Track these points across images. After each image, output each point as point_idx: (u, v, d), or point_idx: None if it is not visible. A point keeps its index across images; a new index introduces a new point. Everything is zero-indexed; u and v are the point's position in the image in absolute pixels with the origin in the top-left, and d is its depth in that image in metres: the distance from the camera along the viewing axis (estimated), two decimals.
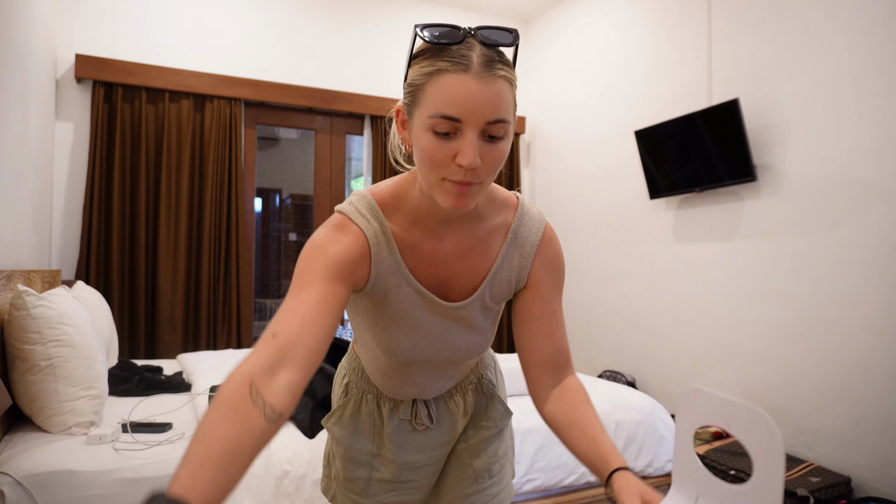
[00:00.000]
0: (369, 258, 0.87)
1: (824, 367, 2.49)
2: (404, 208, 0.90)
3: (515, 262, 0.95)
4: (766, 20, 2.77)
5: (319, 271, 0.81)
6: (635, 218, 3.56)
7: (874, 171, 2.33)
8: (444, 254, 0.92)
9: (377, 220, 0.88)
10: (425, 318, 0.94)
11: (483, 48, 0.76)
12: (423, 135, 0.77)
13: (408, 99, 0.80)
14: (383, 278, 0.90)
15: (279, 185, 6.27)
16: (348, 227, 0.87)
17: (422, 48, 0.79)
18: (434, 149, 0.76)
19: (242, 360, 0.70)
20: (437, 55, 0.76)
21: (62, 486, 1.53)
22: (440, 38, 0.76)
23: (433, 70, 0.76)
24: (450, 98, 0.74)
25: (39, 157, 2.82)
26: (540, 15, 4.51)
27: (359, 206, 0.89)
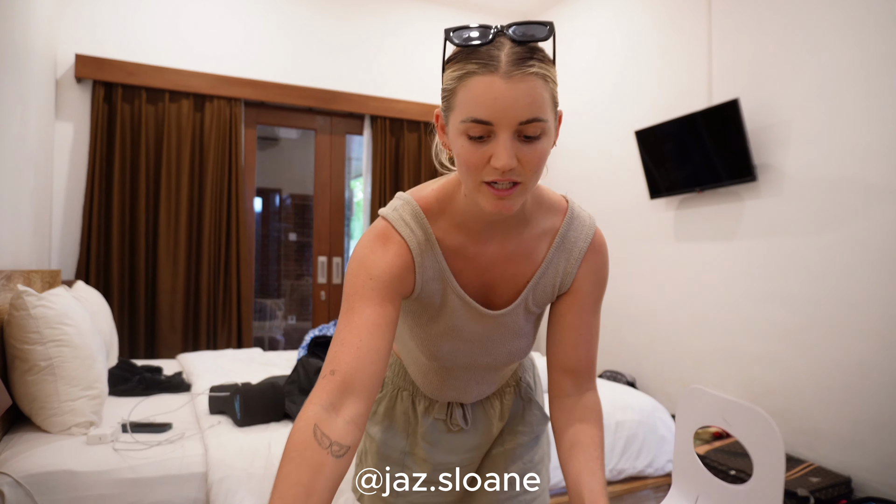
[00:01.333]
0: (413, 269, 0.87)
1: (824, 367, 2.48)
2: (449, 212, 0.89)
3: (561, 268, 0.94)
4: (766, 20, 2.77)
5: (366, 294, 0.81)
6: (635, 218, 3.56)
7: (874, 171, 2.33)
8: (489, 258, 0.91)
9: (421, 227, 0.88)
10: (468, 326, 0.94)
11: (513, 45, 0.74)
12: (458, 139, 0.76)
13: (444, 104, 0.79)
14: (428, 285, 0.90)
15: (279, 185, 6.27)
16: (391, 238, 0.86)
17: (453, 52, 0.78)
18: (469, 153, 0.75)
19: (307, 401, 0.73)
20: (467, 58, 0.75)
21: (62, 486, 1.53)
22: (468, 39, 0.75)
23: (462, 73, 0.75)
24: (478, 101, 0.73)
25: (39, 157, 2.82)
26: (540, 15, 4.50)
27: (403, 213, 0.88)
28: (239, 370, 2.66)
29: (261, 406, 1.93)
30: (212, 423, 1.90)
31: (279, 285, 6.09)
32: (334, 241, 4.12)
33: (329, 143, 4.11)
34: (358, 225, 6.15)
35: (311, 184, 4.16)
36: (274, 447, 1.76)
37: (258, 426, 1.90)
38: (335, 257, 4.11)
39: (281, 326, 5.88)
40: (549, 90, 0.76)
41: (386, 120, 4.07)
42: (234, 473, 1.65)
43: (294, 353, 3.22)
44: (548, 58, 0.77)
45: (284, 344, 5.63)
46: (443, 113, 0.81)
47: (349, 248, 5.09)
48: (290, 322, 5.93)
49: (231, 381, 2.29)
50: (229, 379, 2.39)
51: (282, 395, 2.00)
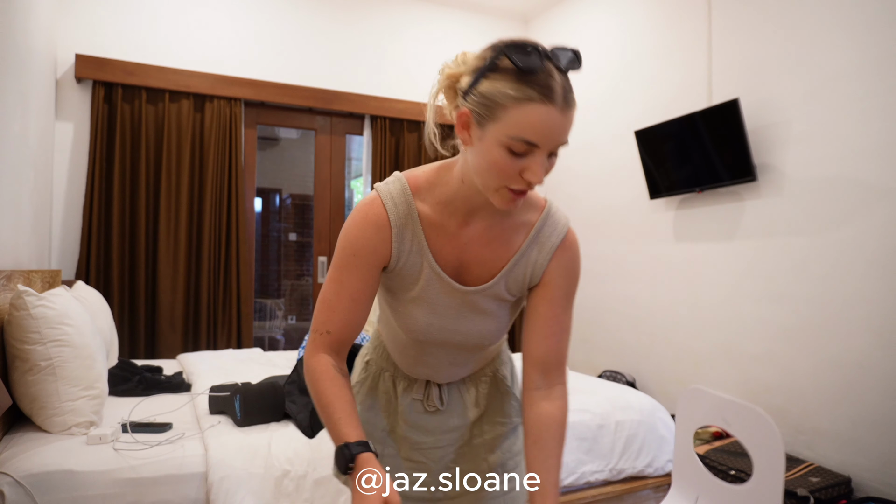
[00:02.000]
0: (391, 241, 0.97)
1: (824, 366, 2.49)
2: (438, 192, 0.98)
3: (532, 258, 1.01)
4: (767, 20, 2.77)
5: (350, 268, 0.96)
6: (635, 218, 3.56)
7: (874, 171, 2.33)
8: (468, 238, 0.99)
9: (406, 202, 0.97)
10: (441, 300, 1.01)
11: (560, 75, 0.83)
12: (496, 149, 0.84)
13: (481, 110, 0.84)
14: (405, 257, 0.98)
15: (279, 185, 6.27)
16: (375, 209, 0.96)
17: (504, 66, 0.83)
18: (505, 163, 0.84)
19: (314, 350, 0.98)
20: (523, 80, 0.81)
21: (62, 486, 1.53)
22: (526, 65, 0.81)
23: (521, 96, 0.81)
24: (535, 127, 0.81)
25: (39, 157, 2.82)
26: (540, 15, 4.51)
27: (392, 188, 0.98)
28: (239, 370, 2.66)
29: (261, 406, 1.93)
30: (212, 423, 1.90)
31: (279, 285, 6.09)
32: (334, 241, 4.10)
33: (329, 143, 4.11)
34: None
35: (311, 184, 4.16)
36: (274, 447, 1.76)
37: (258, 426, 1.90)
38: None
39: (281, 326, 5.88)
40: (573, 121, 0.86)
41: (386, 120, 4.07)
42: (234, 473, 1.65)
43: (294, 353, 3.22)
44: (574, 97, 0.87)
45: (284, 344, 5.63)
46: (476, 117, 0.85)
47: None
48: (290, 322, 5.93)
49: (231, 381, 2.29)
50: (229, 379, 2.39)
51: (282, 395, 2.00)
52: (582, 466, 2.13)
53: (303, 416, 1.93)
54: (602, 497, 2.18)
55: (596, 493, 2.17)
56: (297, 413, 1.95)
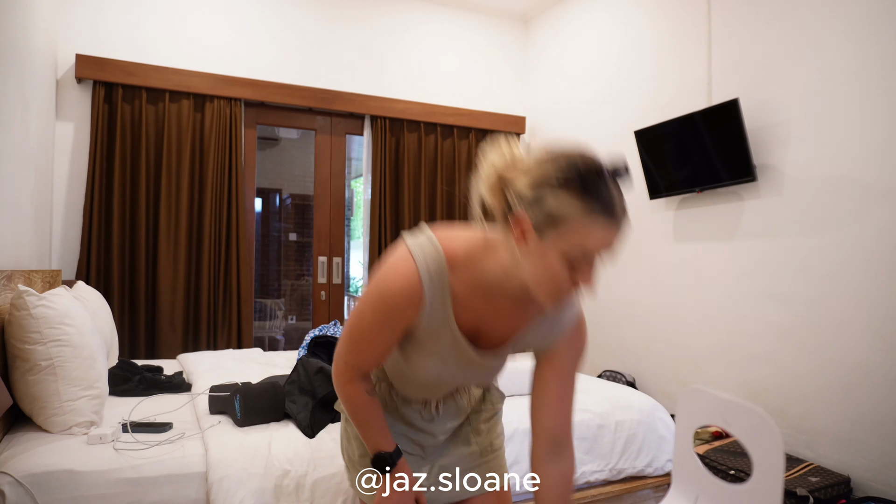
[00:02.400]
0: (420, 311, 1.02)
1: (824, 366, 2.49)
2: (474, 271, 1.00)
3: (543, 333, 1.10)
4: (767, 20, 2.77)
5: (380, 322, 1.03)
6: (635, 218, 3.56)
7: (874, 171, 2.33)
8: (491, 310, 1.05)
9: (441, 279, 1.00)
10: (453, 356, 1.08)
11: (616, 189, 0.87)
12: (555, 258, 0.88)
13: (543, 220, 0.87)
14: (429, 321, 1.04)
15: (279, 185, 6.28)
16: (412, 283, 0.99)
17: (568, 182, 0.86)
18: (562, 271, 0.89)
19: (343, 379, 1.11)
20: (587, 197, 0.85)
21: (62, 485, 1.53)
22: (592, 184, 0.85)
23: (585, 213, 0.85)
24: (597, 241, 0.86)
25: (39, 157, 2.82)
26: (540, 15, 4.51)
27: (430, 260, 1.00)
28: (239, 370, 2.66)
29: (261, 406, 1.93)
30: (212, 423, 1.90)
31: (279, 285, 6.09)
32: (334, 241, 4.12)
33: (329, 143, 4.11)
34: (358, 225, 6.15)
35: (311, 184, 4.16)
36: (274, 447, 1.76)
37: (258, 426, 1.90)
38: (335, 257, 4.12)
39: (281, 326, 5.89)
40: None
41: (386, 120, 4.07)
42: (234, 473, 1.65)
43: (294, 353, 3.22)
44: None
45: (284, 344, 5.64)
46: (536, 223, 0.88)
47: (349, 248, 5.08)
48: (290, 322, 5.93)
49: (231, 381, 2.30)
50: (229, 379, 2.39)
51: (282, 395, 2.00)
52: (582, 466, 2.14)
53: (303, 416, 1.93)
54: (602, 497, 2.18)
55: (596, 492, 2.17)
56: (297, 413, 1.95)
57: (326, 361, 2.20)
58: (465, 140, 4.34)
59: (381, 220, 4.04)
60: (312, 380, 2.05)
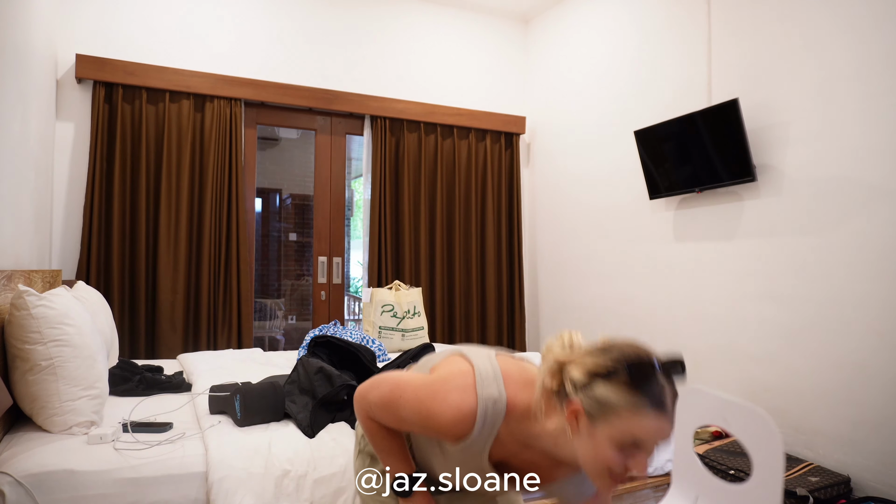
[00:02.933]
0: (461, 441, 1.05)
1: (824, 366, 2.49)
2: (524, 427, 1.03)
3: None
4: (766, 20, 2.77)
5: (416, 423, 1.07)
6: (635, 218, 3.56)
7: (874, 171, 2.34)
8: (524, 458, 1.09)
9: (493, 425, 1.03)
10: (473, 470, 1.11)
11: (670, 386, 0.92)
12: (607, 447, 0.91)
13: (595, 410, 0.92)
14: (464, 451, 1.07)
15: (279, 185, 6.27)
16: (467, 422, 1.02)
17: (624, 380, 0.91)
18: (616, 461, 0.91)
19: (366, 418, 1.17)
20: (639, 392, 0.90)
21: (62, 485, 1.53)
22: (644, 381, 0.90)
23: (635, 407, 0.90)
24: (650, 435, 0.90)
25: (40, 157, 2.82)
26: (540, 15, 4.51)
27: (489, 405, 1.02)
28: (239, 370, 2.66)
29: (261, 406, 1.93)
30: (212, 423, 1.90)
31: (279, 285, 6.09)
32: (334, 241, 4.12)
33: (329, 143, 4.11)
34: (357, 225, 6.15)
35: (311, 184, 4.16)
36: (274, 447, 1.76)
37: (258, 426, 1.90)
38: (335, 257, 4.12)
39: (281, 326, 5.88)
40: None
41: (386, 120, 4.07)
42: (234, 473, 1.65)
43: (294, 353, 3.22)
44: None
45: (284, 344, 5.64)
46: (589, 413, 0.93)
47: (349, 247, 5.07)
48: (290, 322, 5.93)
49: (231, 380, 2.30)
50: (229, 379, 2.39)
51: (282, 395, 2.00)
52: None
53: (303, 416, 1.93)
54: None
55: None
56: (297, 413, 1.95)
57: (326, 361, 2.20)
58: (465, 140, 4.34)
59: (381, 220, 4.04)
60: (312, 380, 2.05)
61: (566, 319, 4.08)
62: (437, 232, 4.18)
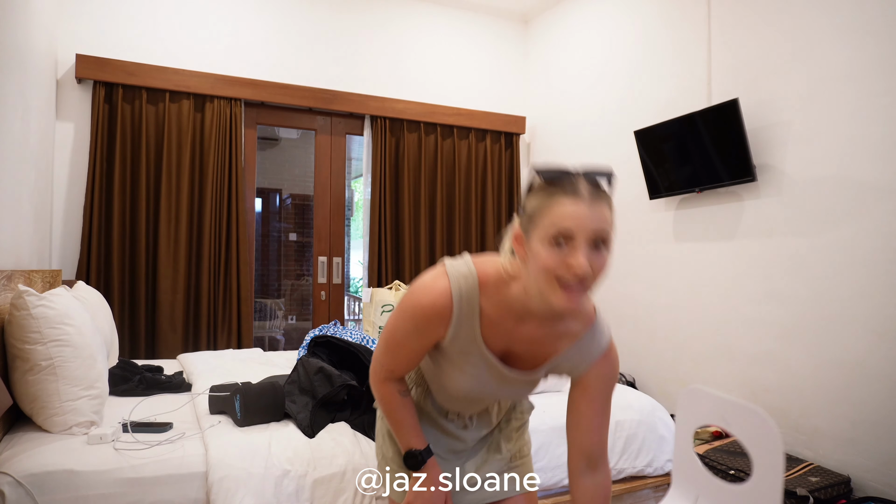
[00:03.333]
0: (448, 324, 1.09)
1: (824, 366, 2.49)
2: (502, 293, 1.08)
3: (574, 362, 1.15)
4: (766, 20, 2.77)
5: (411, 332, 1.12)
6: (635, 218, 3.56)
7: (874, 171, 2.34)
8: (519, 335, 1.11)
9: (471, 301, 1.08)
10: (485, 374, 1.15)
11: (588, 182, 0.96)
12: (541, 248, 0.95)
13: (525, 222, 1.00)
14: (459, 341, 1.11)
15: (279, 185, 6.28)
16: (444, 301, 1.08)
17: (539, 184, 0.99)
18: (550, 257, 0.94)
19: (379, 380, 1.21)
20: (554, 186, 0.96)
21: (62, 485, 1.53)
22: (554, 175, 0.97)
23: (549, 196, 0.96)
24: (565, 217, 0.93)
25: (40, 157, 2.82)
26: (540, 15, 4.51)
27: (464, 283, 1.08)
28: (239, 370, 2.66)
29: (261, 406, 1.93)
30: (212, 423, 1.90)
31: (279, 285, 6.09)
32: (334, 241, 4.12)
33: (329, 143, 4.11)
34: (357, 225, 6.15)
35: (311, 184, 4.16)
36: (274, 447, 1.76)
37: (258, 426, 1.90)
38: (335, 257, 4.12)
39: (281, 326, 5.88)
40: (612, 217, 0.98)
41: (386, 120, 4.07)
42: (234, 473, 1.65)
43: (294, 353, 3.22)
44: (610, 197, 0.99)
45: (284, 344, 5.64)
46: (523, 230, 1.00)
47: (349, 247, 5.07)
48: (290, 322, 5.93)
49: (231, 380, 2.30)
50: (229, 379, 2.39)
51: (282, 395, 2.00)
52: None
53: (303, 415, 1.93)
54: None
55: None
56: (297, 413, 1.95)
57: (326, 361, 2.20)
58: (465, 140, 4.34)
59: (381, 220, 4.04)
60: (312, 380, 2.05)
61: None
62: (437, 232, 4.18)
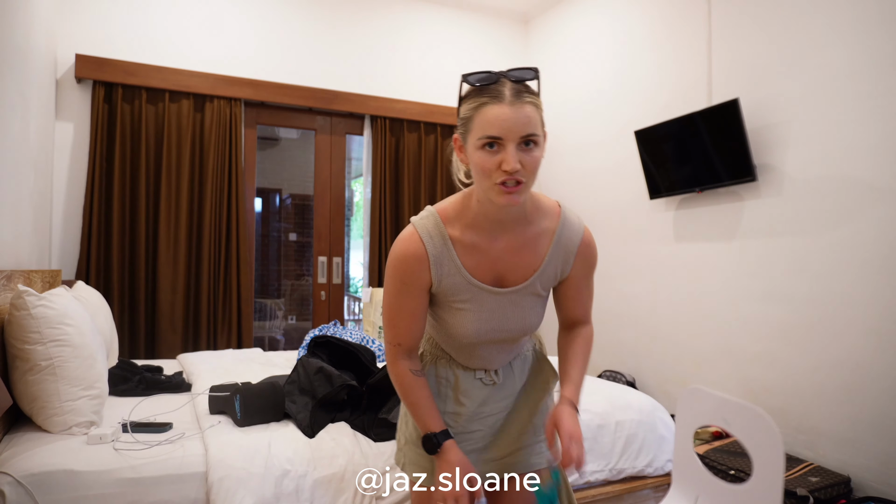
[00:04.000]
0: (429, 268, 1.15)
1: (824, 366, 2.49)
2: (464, 216, 1.16)
3: (560, 261, 1.21)
4: (766, 20, 2.77)
5: (401, 290, 1.17)
6: (635, 218, 3.56)
7: (874, 171, 2.33)
8: (499, 251, 1.17)
9: (440, 233, 1.15)
10: (485, 305, 1.19)
11: (512, 84, 1.04)
12: (476, 153, 1.05)
13: (461, 130, 1.09)
14: (447, 279, 1.17)
15: (279, 185, 6.27)
16: (415, 244, 1.15)
17: (468, 91, 1.07)
18: (485, 160, 1.03)
19: (391, 359, 1.22)
20: (480, 94, 1.04)
21: (62, 486, 1.53)
22: (481, 81, 1.05)
23: (478, 105, 1.04)
24: (491, 122, 1.02)
25: (39, 157, 2.82)
26: (540, 15, 4.51)
27: (426, 221, 1.16)
28: (239, 370, 2.66)
29: (261, 406, 1.93)
30: (212, 423, 1.90)
31: (279, 285, 6.09)
32: (334, 241, 4.12)
33: (329, 143, 4.11)
34: (358, 225, 6.15)
35: (311, 184, 4.16)
36: (274, 447, 1.76)
37: (258, 426, 1.90)
38: (335, 257, 4.12)
39: (281, 326, 5.88)
40: (539, 115, 1.05)
41: (386, 120, 4.07)
42: (234, 473, 1.65)
43: (294, 353, 3.22)
44: (536, 93, 1.07)
45: (284, 344, 5.63)
46: (461, 136, 1.09)
47: (349, 248, 5.07)
48: (290, 322, 5.93)
49: (231, 381, 2.30)
50: (229, 379, 2.39)
51: (282, 395, 2.00)
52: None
53: (303, 415, 1.93)
54: (602, 497, 2.18)
55: (596, 492, 2.17)
56: (297, 413, 1.95)
57: (326, 361, 2.20)
58: None
59: (381, 220, 4.04)
60: (312, 380, 2.05)
61: None
62: None
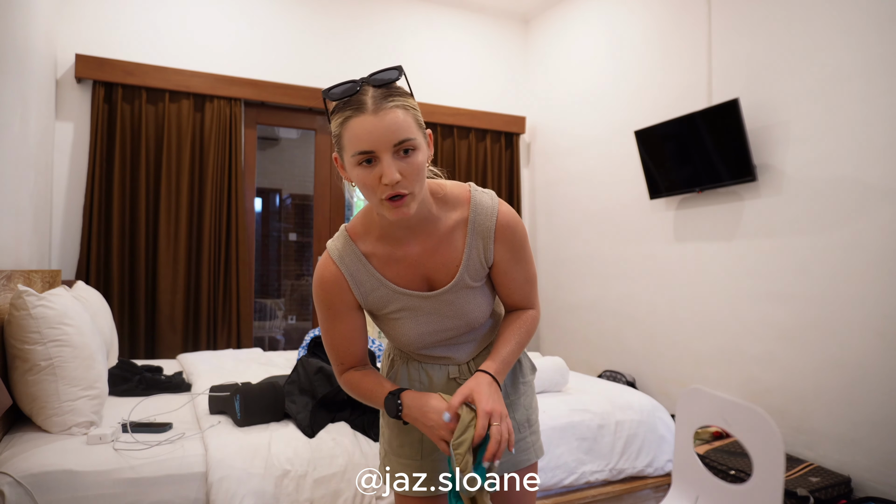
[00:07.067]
0: (349, 288, 1.12)
1: (824, 367, 2.49)
2: (372, 230, 1.12)
3: (481, 247, 1.13)
4: (766, 20, 2.77)
5: (329, 315, 1.14)
6: (635, 218, 3.56)
7: (874, 171, 2.33)
8: (416, 256, 1.12)
9: (351, 250, 1.12)
10: (421, 311, 1.14)
11: (374, 90, 0.96)
12: (353, 170, 0.98)
13: (336, 148, 1.02)
14: (372, 294, 1.13)
15: (279, 185, 6.27)
16: (329, 267, 1.12)
17: (334, 107, 1.01)
18: (364, 177, 0.97)
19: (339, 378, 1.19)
20: (344, 107, 0.97)
21: (62, 486, 1.53)
22: (340, 95, 0.97)
23: (343, 119, 0.97)
24: (359, 135, 0.94)
25: (39, 157, 2.82)
26: (540, 15, 4.51)
27: (337, 242, 1.14)
28: (239, 370, 2.66)
29: (261, 406, 1.93)
30: (212, 423, 1.90)
31: (279, 285, 6.09)
32: None
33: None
34: None
35: (311, 184, 4.16)
36: (274, 447, 1.76)
37: (258, 426, 1.90)
38: None
39: (281, 326, 5.88)
40: (412, 115, 0.98)
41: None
42: (234, 473, 1.65)
43: (294, 353, 3.22)
44: (405, 92, 1.00)
45: (284, 344, 5.63)
46: (338, 155, 1.03)
47: None
48: (290, 322, 5.93)
49: (231, 381, 2.30)
50: (229, 379, 2.39)
51: (282, 395, 2.00)
52: (582, 466, 2.14)
53: (303, 416, 1.93)
54: (602, 497, 2.18)
55: (596, 492, 2.17)
56: (297, 413, 1.95)
57: (326, 361, 2.20)
58: (465, 140, 4.34)
59: None
60: (312, 380, 2.05)
61: (566, 319, 4.08)
62: None
